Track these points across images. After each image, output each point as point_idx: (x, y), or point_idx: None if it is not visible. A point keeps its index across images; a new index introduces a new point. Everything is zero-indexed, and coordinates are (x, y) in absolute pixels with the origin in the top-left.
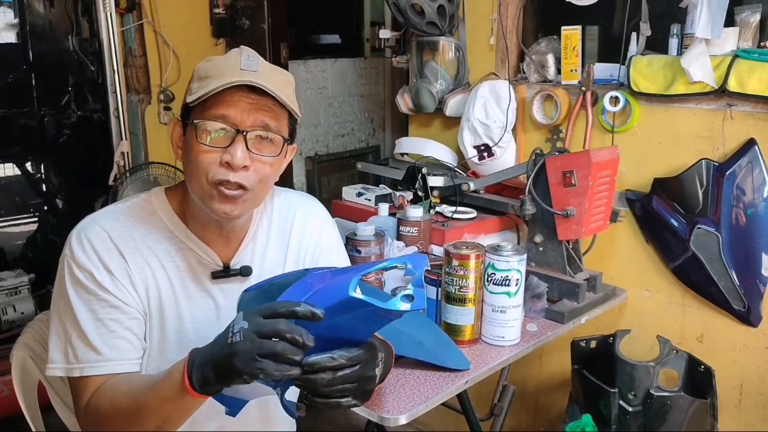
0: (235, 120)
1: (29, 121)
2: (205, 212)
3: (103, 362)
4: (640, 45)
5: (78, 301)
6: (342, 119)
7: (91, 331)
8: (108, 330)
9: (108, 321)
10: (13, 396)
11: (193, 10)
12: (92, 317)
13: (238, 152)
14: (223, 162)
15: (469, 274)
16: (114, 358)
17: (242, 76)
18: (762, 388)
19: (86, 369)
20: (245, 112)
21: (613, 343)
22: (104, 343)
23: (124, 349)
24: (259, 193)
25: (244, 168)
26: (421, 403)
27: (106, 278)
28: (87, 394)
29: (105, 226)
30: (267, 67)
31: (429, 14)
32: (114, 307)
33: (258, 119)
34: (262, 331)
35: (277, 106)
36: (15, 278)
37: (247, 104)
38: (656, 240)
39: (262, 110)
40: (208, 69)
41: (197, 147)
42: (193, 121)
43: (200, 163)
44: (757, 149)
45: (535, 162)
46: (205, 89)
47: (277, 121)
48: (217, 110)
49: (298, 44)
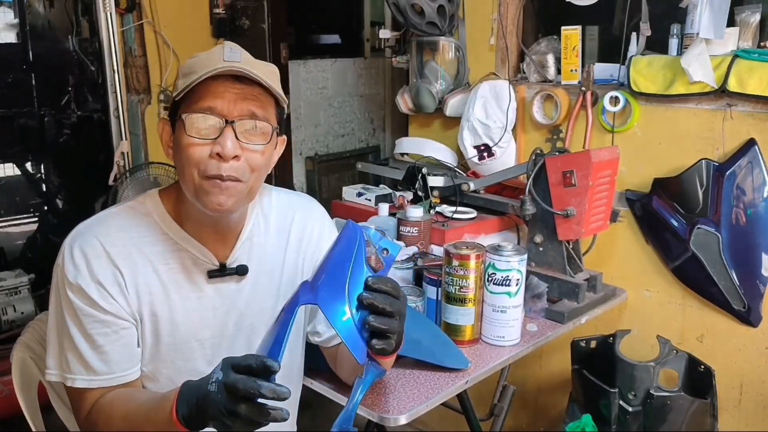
0: (222, 110)
1: (29, 121)
2: (199, 210)
3: (95, 377)
4: (640, 45)
5: (69, 316)
6: (342, 119)
7: (82, 345)
8: (98, 345)
9: (97, 336)
10: (13, 396)
11: (193, 10)
12: (82, 332)
13: (228, 143)
14: (214, 154)
15: (469, 274)
16: (105, 373)
17: (225, 66)
18: (762, 388)
19: (78, 381)
20: (232, 102)
21: (613, 343)
22: (96, 358)
23: (115, 361)
24: (252, 185)
25: (235, 158)
26: (421, 403)
27: (96, 293)
28: (85, 405)
29: (98, 234)
30: (250, 57)
31: (429, 14)
32: (102, 322)
33: (245, 108)
34: (230, 387)
35: (263, 95)
36: (15, 278)
37: (233, 94)
38: (656, 240)
39: (248, 99)
40: (192, 65)
41: (186, 140)
42: (180, 116)
43: (191, 157)
44: (757, 149)
45: (535, 162)
46: (188, 83)
47: (264, 109)
48: (203, 102)
49: (298, 44)
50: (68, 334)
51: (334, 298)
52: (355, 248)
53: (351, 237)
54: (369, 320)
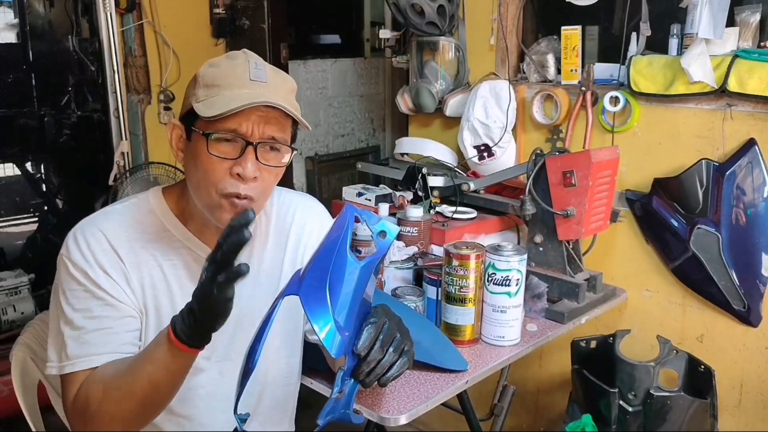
0: (246, 133)
1: (29, 121)
2: (204, 214)
3: (94, 356)
4: (640, 45)
5: (72, 299)
6: (342, 119)
7: (84, 326)
8: (101, 326)
9: (102, 318)
10: (13, 396)
11: (193, 10)
12: (86, 315)
13: (249, 165)
14: (234, 173)
15: (469, 274)
16: (104, 352)
17: (253, 87)
18: (762, 388)
19: (77, 364)
20: (255, 125)
21: (613, 343)
22: (97, 339)
23: (116, 342)
24: (263, 203)
25: (254, 179)
26: (421, 403)
27: (101, 277)
28: (75, 387)
29: (102, 228)
30: (273, 74)
31: (429, 14)
32: (108, 305)
33: (267, 132)
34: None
35: (284, 117)
36: (15, 278)
37: (258, 117)
38: (656, 240)
39: (270, 123)
40: (215, 77)
41: (207, 158)
42: (203, 132)
43: (210, 175)
44: (757, 149)
45: (535, 162)
46: (216, 100)
47: (284, 132)
48: (228, 124)
49: (298, 44)
50: (70, 319)
51: (315, 290)
52: (342, 233)
53: (341, 222)
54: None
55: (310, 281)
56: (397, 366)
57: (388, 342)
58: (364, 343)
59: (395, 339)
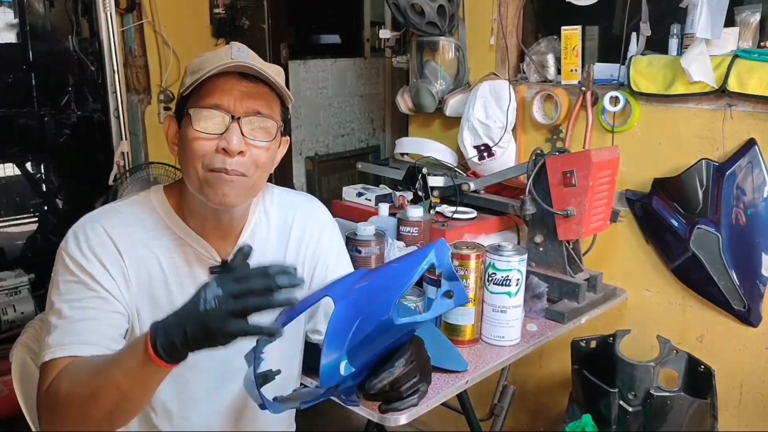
0: (229, 107)
1: (29, 121)
2: (202, 206)
3: (75, 345)
4: (640, 45)
5: (65, 290)
6: (342, 119)
7: (70, 316)
8: (87, 317)
9: (90, 309)
10: (13, 396)
11: (193, 10)
12: (74, 305)
13: (233, 138)
14: (220, 149)
15: (469, 274)
16: (86, 342)
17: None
18: (762, 388)
19: (56, 351)
20: (238, 100)
21: (613, 343)
22: (81, 328)
23: (99, 334)
24: (256, 181)
25: (240, 154)
26: (421, 403)
27: (98, 269)
28: (51, 377)
29: (103, 224)
30: (257, 58)
31: (429, 14)
32: (100, 298)
33: (251, 106)
34: (234, 292)
35: (268, 93)
36: (15, 278)
37: (240, 92)
38: (656, 240)
39: (254, 97)
40: (200, 62)
41: (192, 134)
42: (187, 111)
43: (196, 151)
44: (757, 149)
45: (535, 162)
46: (197, 80)
47: (270, 107)
48: (210, 99)
49: (298, 44)
50: (59, 310)
51: (351, 310)
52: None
53: (421, 255)
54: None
55: (358, 297)
56: (404, 402)
57: (404, 382)
58: (380, 382)
59: (412, 381)
